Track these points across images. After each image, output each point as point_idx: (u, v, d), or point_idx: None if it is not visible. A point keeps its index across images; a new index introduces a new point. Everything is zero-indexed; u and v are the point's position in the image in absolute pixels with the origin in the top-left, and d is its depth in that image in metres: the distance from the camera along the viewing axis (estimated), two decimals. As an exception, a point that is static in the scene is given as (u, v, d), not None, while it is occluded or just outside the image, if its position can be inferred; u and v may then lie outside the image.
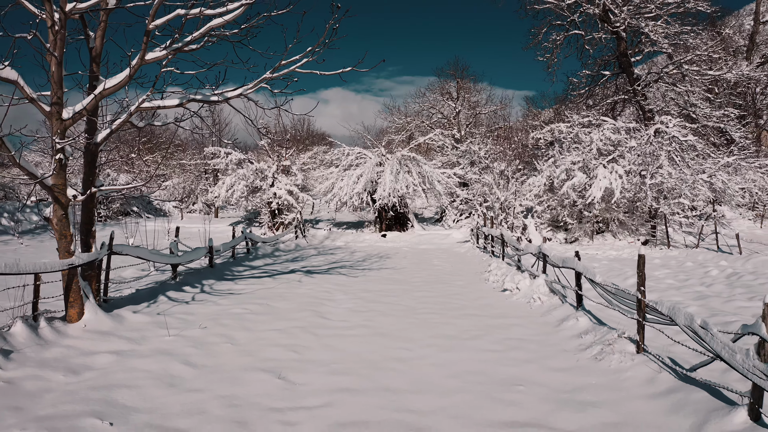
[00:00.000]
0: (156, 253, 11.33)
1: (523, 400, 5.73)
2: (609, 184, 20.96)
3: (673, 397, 5.68)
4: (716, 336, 5.41)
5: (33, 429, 5.00)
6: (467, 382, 6.26)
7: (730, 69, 27.64)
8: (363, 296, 11.70)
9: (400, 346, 7.78)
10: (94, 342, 7.81)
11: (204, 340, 7.95)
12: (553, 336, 8.36)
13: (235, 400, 5.68)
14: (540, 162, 24.09)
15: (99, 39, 9.04)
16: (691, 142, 23.23)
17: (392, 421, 5.17)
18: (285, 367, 6.75)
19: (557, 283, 10.98)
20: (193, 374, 6.53)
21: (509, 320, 9.45)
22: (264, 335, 8.28)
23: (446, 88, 42.16)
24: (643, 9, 25.13)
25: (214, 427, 5.05)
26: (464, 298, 11.63)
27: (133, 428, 5.04)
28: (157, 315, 9.44)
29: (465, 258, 19.45)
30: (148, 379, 6.34)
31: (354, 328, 8.84)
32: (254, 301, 10.83)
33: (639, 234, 23.99)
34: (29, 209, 32.79)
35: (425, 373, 6.60)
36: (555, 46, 27.23)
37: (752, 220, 33.78)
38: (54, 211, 8.41)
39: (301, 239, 24.41)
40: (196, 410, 5.45)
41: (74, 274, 8.46)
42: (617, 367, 6.68)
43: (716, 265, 17.12)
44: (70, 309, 8.49)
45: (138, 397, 5.80)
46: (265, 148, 27.86)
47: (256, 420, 5.21)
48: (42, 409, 5.50)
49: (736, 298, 11.76)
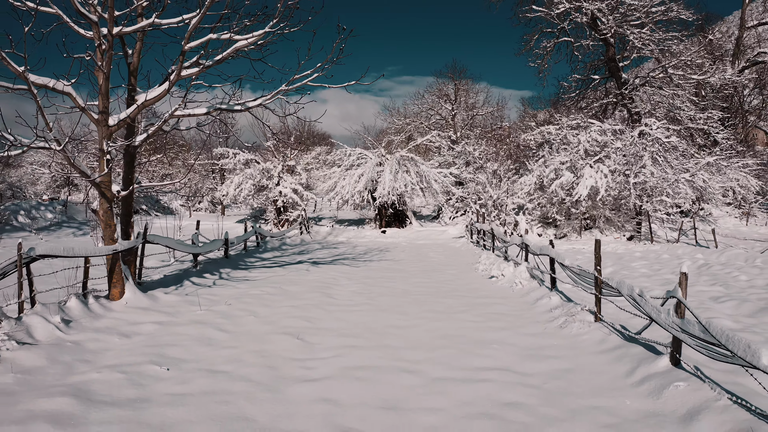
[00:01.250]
0: (181, 243, 12.72)
1: (496, 354, 7.12)
2: (594, 183, 22.34)
3: (617, 351, 7.07)
4: (648, 301, 6.80)
5: (106, 372, 6.38)
6: (451, 341, 7.65)
7: (713, 73, 29.03)
8: (365, 282, 13.10)
9: (396, 318, 9.17)
10: (137, 315, 9.20)
11: (230, 314, 9.34)
12: (528, 311, 9.75)
13: (264, 354, 7.07)
14: (531, 162, 25.48)
15: (136, 56, 10.43)
16: (673, 144, 24.61)
17: (390, 366, 6.56)
18: (301, 332, 8.14)
19: (537, 270, 12.37)
20: (226, 337, 7.92)
21: (492, 300, 10.85)
22: (281, 310, 9.67)
23: (444, 90, 43.56)
24: (629, 17, 26.52)
25: (250, 370, 6.44)
26: (454, 284, 13.03)
27: (186, 372, 6.43)
28: (186, 295, 10.83)
29: (459, 252, 20.84)
30: (190, 341, 7.72)
31: (358, 305, 10.23)
32: (269, 285, 12.22)
33: (625, 230, 25.37)
34: (44, 207, 34.14)
35: (417, 336, 7.99)
36: (546, 52, 28.63)
37: (738, 217, 35.21)
38: (100, 205, 9.80)
39: (305, 235, 25.80)
40: (233, 360, 6.84)
41: (117, 259, 9.85)
42: (576, 332, 8.07)
43: (691, 258, 18.52)
44: (113, 288, 9.87)
45: (185, 352, 7.19)
46: (271, 148, 29.24)
47: (282, 366, 6.59)
48: (108, 360, 6.89)
49: (699, 284, 13.17)
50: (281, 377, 6.21)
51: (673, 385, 5.65)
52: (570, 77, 29.03)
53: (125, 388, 5.87)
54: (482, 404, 5.43)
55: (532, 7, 27.16)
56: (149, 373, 6.37)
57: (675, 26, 28.46)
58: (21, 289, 8.16)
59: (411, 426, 4.93)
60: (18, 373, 6.30)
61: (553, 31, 28.30)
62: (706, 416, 4.96)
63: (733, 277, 14.39)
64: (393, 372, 6.36)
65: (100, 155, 9.40)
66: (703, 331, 5.44)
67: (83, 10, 9.28)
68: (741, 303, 10.70)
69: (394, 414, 5.17)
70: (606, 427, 4.96)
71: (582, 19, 25.96)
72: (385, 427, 4.90)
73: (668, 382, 5.74)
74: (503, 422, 5.01)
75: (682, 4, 26.53)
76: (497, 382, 6.07)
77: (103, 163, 9.39)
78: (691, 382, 5.63)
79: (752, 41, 39.07)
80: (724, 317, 9.54)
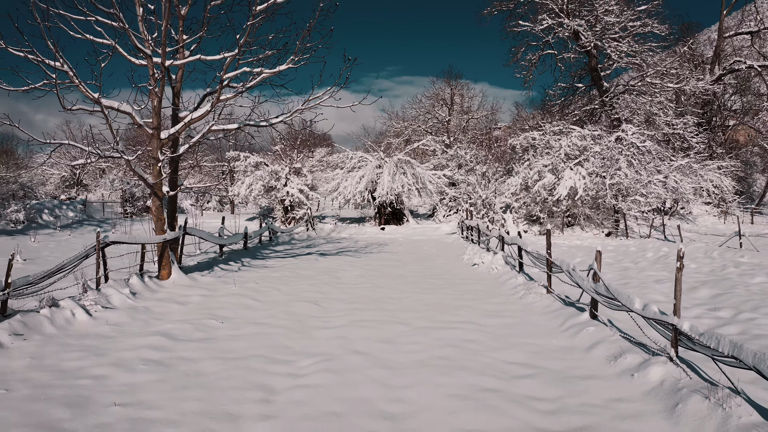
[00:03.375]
0: (211, 236, 15.05)
1: (465, 314, 9.45)
2: (573, 184, 24.66)
3: (556, 312, 9.39)
4: (577, 273, 9.13)
5: (178, 324, 8.69)
6: (433, 307, 9.99)
7: (687, 82, 31.36)
8: (366, 268, 15.44)
9: (392, 292, 11.50)
10: (184, 290, 11.53)
11: (259, 290, 11.67)
12: (497, 288, 12.09)
13: (291, 313, 9.40)
14: (517, 165, 27.82)
15: (179, 82, 12.75)
16: (647, 148, 26.94)
17: (386, 320, 8.89)
18: (318, 300, 10.48)
19: (510, 258, 14.70)
20: (259, 304, 10.25)
21: (471, 281, 13.19)
22: (299, 287, 12.01)
23: (441, 95, 45.92)
24: (608, 31, 28.85)
25: (283, 322, 8.76)
26: (442, 270, 15.37)
27: (236, 324, 8.74)
28: (219, 277, 13.16)
29: (450, 246, 23.17)
30: (232, 306, 10.05)
31: (361, 284, 12.57)
32: (286, 271, 14.56)
33: (604, 227, 27.69)
34: (65, 206, 36.44)
35: (407, 303, 10.33)
36: (531, 64, 31.00)
37: (716, 216, 37.57)
38: (153, 202, 12.12)
39: (311, 231, 28.14)
40: (269, 317, 9.16)
41: (166, 246, 12.17)
42: (530, 301, 10.41)
43: (655, 250, 20.82)
44: (162, 270, 12.19)
45: (230, 313, 9.51)
46: (279, 152, 31.61)
47: (306, 320, 8.93)
48: (175, 318, 9.21)
49: (649, 270, 15.51)
50: (306, 326, 8.54)
51: (585, 329, 7.99)
52: (554, 86, 31.43)
53: (195, 332, 8.20)
54: (450, 340, 7.75)
55: (519, 22, 29.52)
56: (209, 325, 8.70)
57: (652, 39, 30.81)
58: (98, 267, 10.50)
59: (399, 351, 7.25)
60: (111, 325, 8.63)
61: (539, 44, 30.66)
62: (602, 346, 7.28)
63: (684, 266, 16.72)
64: (388, 323, 8.69)
65: (153, 163, 11.72)
66: (606, 290, 7.79)
67: (140, 46, 11.61)
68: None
69: (388, 344, 7.50)
70: (532, 353, 7.27)
71: (564, 34, 28.30)
72: (381, 350, 7.22)
73: (583, 328, 8.07)
74: (462, 349, 7.34)
75: (656, 20, 28.87)
76: (463, 329, 8.39)
77: (157, 169, 11.71)
78: (599, 327, 7.96)
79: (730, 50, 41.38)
80: (658, 294, 11.87)
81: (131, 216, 38.32)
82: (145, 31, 11.76)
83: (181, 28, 12.78)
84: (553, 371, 6.49)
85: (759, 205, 42.47)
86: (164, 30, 11.17)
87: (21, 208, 31.93)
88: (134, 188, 38.98)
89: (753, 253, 19.44)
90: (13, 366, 6.61)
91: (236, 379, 6.10)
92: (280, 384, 5.97)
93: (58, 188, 58.88)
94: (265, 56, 12.09)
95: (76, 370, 6.48)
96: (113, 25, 11.50)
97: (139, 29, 11.83)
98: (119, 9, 11.07)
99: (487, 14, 32.19)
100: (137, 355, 7.04)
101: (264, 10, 11.16)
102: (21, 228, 30.76)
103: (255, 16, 11.00)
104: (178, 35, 12.71)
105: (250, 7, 11.07)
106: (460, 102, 45.99)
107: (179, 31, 12.70)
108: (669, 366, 6.03)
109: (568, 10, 29.00)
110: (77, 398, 5.58)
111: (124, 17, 11.21)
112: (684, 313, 9.93)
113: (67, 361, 6.81)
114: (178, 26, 12.63)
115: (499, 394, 5.70)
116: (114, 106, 11.23)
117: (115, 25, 11.42)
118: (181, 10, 12.51)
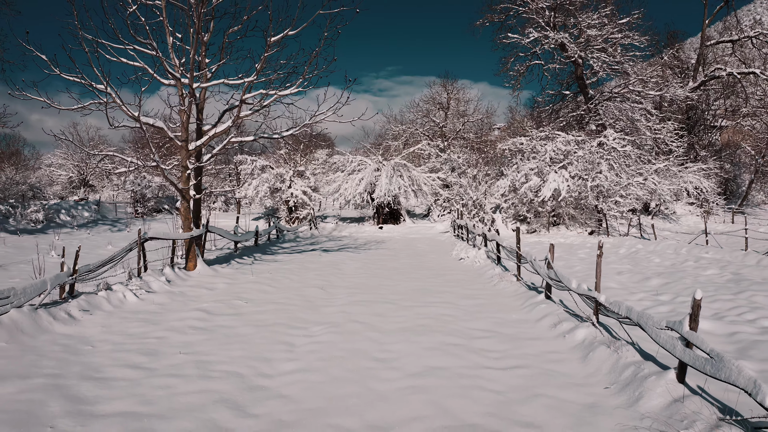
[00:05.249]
0: (228, 233, 17.05)
1: (445, 297, 11.45)
2: (557, 186, 26.65)
3: (520, 295, 11.39)
4: (537, 262, 11.14)
5: (211, 303, 10.68)
6: (419, 291, 11.99)
7: (668, 89, 33.37)
8: (365, 262, 17.44)
9: (386, 281, 13.51)
10: (209, 279, 13.53)
11: (273, 278, 13.67)
12: (477, 278, 14.09)
13: (303, 296, 11.41)
14: (507, 168, 29.82)
15: (202, 100, 14.75)
16: (627, 152, 28.92)
17: (379, 300, 10.90)
18: (323, 287, 12.48)
19: (492, 252, 16.70)
20: (275, 289, 12.25)
21: (456, 272, 15.19)
22: (307, 276, 14.01)
23: (437, 99, 47.95)
24: (592, 43, 30.86)
25: (297, 302, 10.76)
26: (432, 263, 17.38)
27: (258, 304, 10.73)
28: (236, 269, 15.17)
29: (442, 243, 25.18)
30: (253, 291, 12.05)
31: (360, 274, 14.57)
32: (294, 264, 16.57)
33: (587, 226, 29.68)
34: (80, 206, 38.44)
35: (398, 289, 12.33)
36: (519, 74, 33.08)
37: (699, 216, 39.59)
38: (181, 204, 14.12)
39: (314, 230, 30.16)
40: (284, 299, 11.17)
41: (192, 242, 14.17)
42: (502, 287, 12.41)
43: (628, 247, 22.80)
44: (189, 262, 14.18)
45: (252, 296, 11.51)
46: (284, 156, 33.70)
47: (315, 300, 10.93)
48: (207, 299, 11.20)
49: (615, 264, 17.50)
50: (315, 305, 10.55)
51: (539, 306, 9.99)
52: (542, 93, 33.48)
53: (227, 309, 10.21)
54: (429, 314, 9.75)
55: (508, 35, 31.56)
56: (236, 304, 10.70)
57: (634, 49, 32.81)
58: (139, 259, 12.51)
59: (388, 321, 9.23)
60: (156, 305, 10.63)
61: (527, 55, 32.72)
62: (548, 318, 9.27)
63: (649, 260, 18.70)
64: (381, 303, 10.70)
65: (182, 170, 13.72)
66: (555, 275, 9.79)
67: (171, 71, 13.60)
68: (635, 275, 15.03)
69: (380, 317, 9.51)
70: (493, 323, 9.26)
71: (551, 46, 30.31)
72: (374, 320, 9.22)
73: (537, 305, 10.07)
74: (438, 320, 9.33)
75: (637, 33, 30.89)
76: (441, 307, 10.39)
77: (185, 176, 13.71)
78: (549, 304, 9.96)
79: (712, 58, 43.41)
80: (614, 282, 13.87)
81: (142, 216, 40.29)
82: (174, 58, 13.76)
83: (204, 53, 14.79)
84: (506, 335, 8.49)
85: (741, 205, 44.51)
86: (192, 58, 13.17)
87: (40, 208, 33.87)
88: (145, 189, 40.96)
89: (717, 250, 21.41)
90: (90, 332, 8.61)
91: (266, 338, 8.10)
92: (299, 341, 7.98)
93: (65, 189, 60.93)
94: (277, 76, 14.10)
95: (140, 334, 8.47)
96: (147, 52, 13.50)
97: (170, 56, 13.84)
98: (153, 39, 13.08)
99: (479, 25, 34.21)
100: (185, 324, 9.04)
101: (278, 41, 13.17)
102: (41, 227, 32.67)
103: (270, 46, 13.01)
104: (201, 58, 14.70)
105: (265, 38, 13.08)
106: (456, 106, 48.01)
107: (202, 55, 14.70)
108: (591, 329, 8.02)
109: (554, 23, 31.02)
110: (149, 350, 7.57)
111: (156, 46, 13.21)
112: (630, 297, 11.93)
113: (131, 328, 8.80)
114: (201, 51, 14.62)
115: (460, 347, 7.70)
116: (150, 122, 13.23)
117: (150, 53, 13.42)
118: (204, 37, 14.51)
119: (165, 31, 13.79)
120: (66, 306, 9.46)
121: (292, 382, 6.23)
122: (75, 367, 6.81)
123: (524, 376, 6.56)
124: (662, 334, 6.07)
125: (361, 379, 6.33)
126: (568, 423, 5.27)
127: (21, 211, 33.35)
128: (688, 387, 5.60)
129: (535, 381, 6.38)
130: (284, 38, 13.18)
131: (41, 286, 9.20)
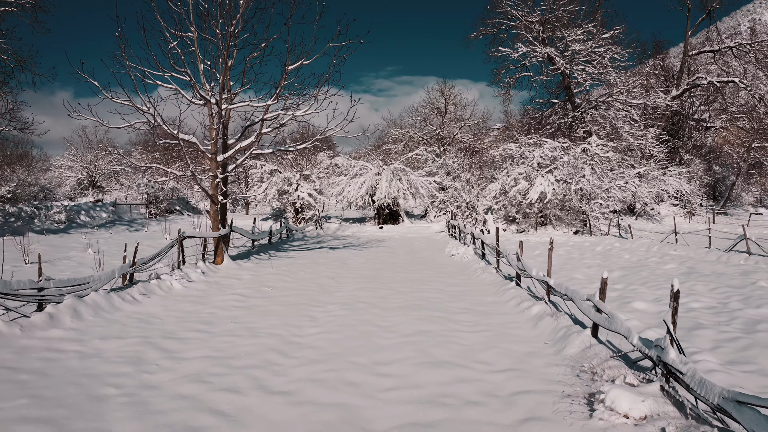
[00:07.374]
0: (247, 232, 19.44)
1: (435, 285, 13.84)
2: (543, 189, 29.04)
3: (497, 284, 13.78)
4: (510, 256, 13.53)
5: (243, 290, 13.07)
6: (413, 280, 14.40)
7: (649, 98, 35.79)
8: (367, 257, 19.85)
9: (386, 273, 15.91)
10: (236, 271, 15.92)
11: (290, 270, 16.08)
12: (463, 270, 16.50)
13: (317, 284, 13.81)
14: (498, 172, 32.25)
15: (227, 118, 17.15)
16: (609, 158, 31.31)
17: (381, 287, 13.30)
18: (333, 277, 14.88)
19: (478, 249, 19.11)
20: (293, 280, 14.65)
21: (446, 266, 17.59)
22: (318, 269, 16.41)
23: (435, 104, 50.41)
24: (578, 55, 33.30)
25: (312, 288, 13.16)
26: (427, 259, 19.79)
27: (281, 290, 13.12)
28: (256, 263, 17.56)
29: (437, 242, 27.58)
30: (275, 281, 14.44)
31: (363, 268, 16.98)
32: (306, 259, 18.97)
33: (572, 226, 32.07)
34: (98, 208, 40.79)
35: (397, 278, 14.74)
36: (509, 86, 35.58)
37: (682, 216, 42.02)
38: (210, 207, 16.51)
39: (319, 230, 32.59)
40: (301, 286, 13.57)
41: (219, 240, 16.55)
42: (483, 277, 14.81)
43: (605, 245, 25.17)
44: (217, 258, 16.56)
45: (275, 284, 13.89)
46: (290, 160, 36.19)
47: (327, 287, 13.34)
48: (238, 287, 13.59)
49: (588, 259, 19.89)
50: (328, 290, 12.97)
51: (508, 291, 12.39)
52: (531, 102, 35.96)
53: (257, 294, 12.60)
54: (421, 297, 12.15)
55: (499, 48, 34.06)
56: (263, 290, 13.09)
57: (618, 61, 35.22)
58: (179, 254, 14.90)
59: (388, 302, 11.62)
60: (198, 291, 13.02)
61: (516, 67, 35.19)
62: (514, 299, 11.66)
63: (620, 257, 21.07)
64: (382, 289, 13.10)
65: (212, 179, 16.11)
66: (522, 265, 12.19)
67: (202, 93, 16.00)
68: (602, 269, 17.41)
69: (381, 299, 11.91)
70: (471, 303, 11.64)
71: (539, 59, 32.76)
72: (377, 301, 11.61)
73: (508, 290, 12.47)
74: (428, 301, 11.72)
75: (620, 47, 33.33)
76: (431, 292, 12.79)
77: (214, 183, 16.10)
78: (517, 289, 12.35)
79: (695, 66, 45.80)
80: (580, 274, 16.23)
81: (155, 216, 42.62)
82: (205, 82, 16.15)
83: (228, 76, 17.17)
84: (479, 311, 10.88)
85: (724, 206, 46.94)
86: (222, 83, 15.57)
87: (62, 209, 36.23)
88: (158, 192, 43.32)
89: (684, 248, 23.77)
90: (153, 310, 10.98)
91: (293, 313, 10.50)
92: (319, 315, 10.38)
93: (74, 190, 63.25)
94: (293, 100, 16.50)
95: (194, 311, 10.86)
96: (181, 78, 15.89)
97: (200, 80, 16.24)
98: (187, 67, 15.48)
99: (473, 38, 36.64)
100: (227, 304, 11.43)
101: (294, 69, 15.59)
102: (63, 227, 34.98)
103: (288, 74, 15.44)
104: (226, 81, 17.08)
105: (283, 67, 15.49)
106: (454, 111, 50.46)
107: (227, 79, 17.08)
108: (543, 305, 10.41)
109: (542, 37, 33.46)
110: (205, 321, 9.96)
111: (190, 72, 15.61)
112: (589, 286, 14.26)
113: (185, 307, 11.19)
114: (227, 76, 17.01)
115: (443, 319, 10.10)
116: (186, 138, 15.62)
117: (185, 78, 15.82)
118: (228, 62, 16.91)
119: (197, 59, 16.19)
120: (129, 291, 11.84)
121: (318, 339, 8.64)
122: (154, 332, 9.19)
123: (487, 336, 8.96)
124: (584, 304, 8.47)
125: (367, 337, 8.73)
126: (512, 362, 7.65)
127: (45, 212, 35.70)
128: (599, 339, 7.98)
129: (494, 340, 8.78)
130: (299, 67, 15.60)
131: (111, 274, 11.61)
